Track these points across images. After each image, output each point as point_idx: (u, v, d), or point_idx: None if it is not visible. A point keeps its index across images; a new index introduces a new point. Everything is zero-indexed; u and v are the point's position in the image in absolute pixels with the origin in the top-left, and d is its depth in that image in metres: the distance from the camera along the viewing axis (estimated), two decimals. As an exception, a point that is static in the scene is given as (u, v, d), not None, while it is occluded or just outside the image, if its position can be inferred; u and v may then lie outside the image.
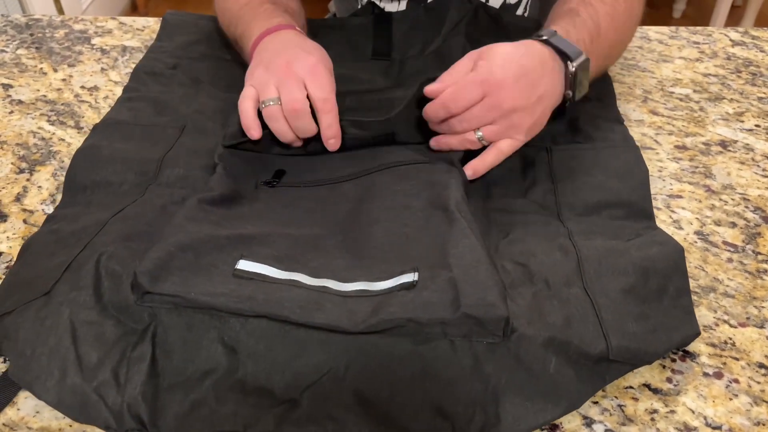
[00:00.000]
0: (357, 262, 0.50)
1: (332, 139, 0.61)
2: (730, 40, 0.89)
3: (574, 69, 0.60)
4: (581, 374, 0.44)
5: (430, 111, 0.58)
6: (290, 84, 0.59)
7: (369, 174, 0.60)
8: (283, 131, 0.59)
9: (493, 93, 0.56)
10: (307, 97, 0.59)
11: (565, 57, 0.60)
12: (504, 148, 0.59)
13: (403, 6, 0.83)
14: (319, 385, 0.43)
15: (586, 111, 0.70)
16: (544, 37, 0.61)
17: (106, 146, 0.63)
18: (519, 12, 0.85)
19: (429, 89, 0.58)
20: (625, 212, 0.57)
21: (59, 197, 0.62)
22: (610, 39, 0.67)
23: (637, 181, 0.60)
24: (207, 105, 0.71)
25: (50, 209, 0.61)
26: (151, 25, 0.92)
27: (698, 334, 0.47)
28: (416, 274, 0.47)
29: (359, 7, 0.87)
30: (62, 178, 0.64)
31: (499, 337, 0.43)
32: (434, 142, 0.61)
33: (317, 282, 0.47)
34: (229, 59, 0.80)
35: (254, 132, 0.59)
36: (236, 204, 0.56)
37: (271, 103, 0.58)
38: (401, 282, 0.46)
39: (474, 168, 0.59)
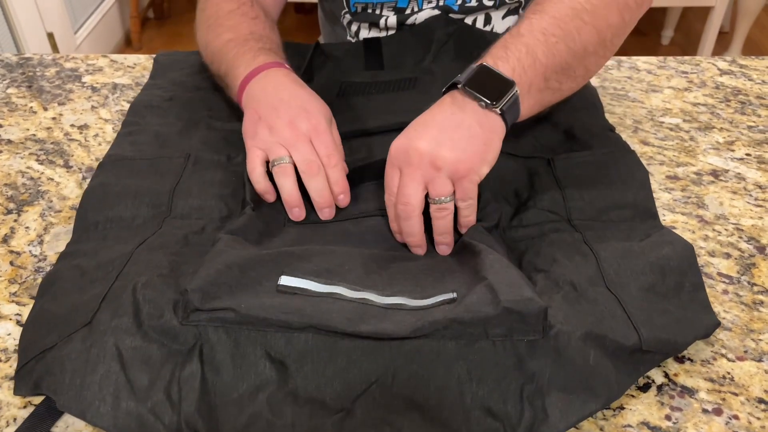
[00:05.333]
0: (394, 282, 0.51)
1: (341, 195, 0.60)
2: (718, 69, 0.90)
3: (500, 110, 0.54)
4: (619, 366, 0.46)
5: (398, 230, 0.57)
6: (301, 146, 0.59)
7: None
8: (290, 190, 0.59)
9: (398, 166, 0.55)
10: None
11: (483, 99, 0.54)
12: (464, 190, 0.54)
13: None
14: (369, 393, 0.44)
15: (579, 119, 0.72)
16: (460, 84, 0.55)
17: (114, 183, 0.63)
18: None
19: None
20: (632, 213, 0.60)
21: (47, 238, 0.61)
22: (559, 50, 0.58)
23: (638, 182, 0.63)
24: (209, 137, 0.71)
25: (38, 250, 0.60)
26: (143, 62, 0.92)
27: (719, 324, 0.50)
28: (455, 293, 0.48)
29: (349, 38, 0.88)
30: (50, 219, 0.63)
31: (539, 332, 0.44)
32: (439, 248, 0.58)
33: (358, 294, 0.48)
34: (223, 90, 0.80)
35: (270, 196, 0.61)
36: (267, 237, 0.57)
37: (285, 161, 0.59)
38: (441, 299, 0.48)
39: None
